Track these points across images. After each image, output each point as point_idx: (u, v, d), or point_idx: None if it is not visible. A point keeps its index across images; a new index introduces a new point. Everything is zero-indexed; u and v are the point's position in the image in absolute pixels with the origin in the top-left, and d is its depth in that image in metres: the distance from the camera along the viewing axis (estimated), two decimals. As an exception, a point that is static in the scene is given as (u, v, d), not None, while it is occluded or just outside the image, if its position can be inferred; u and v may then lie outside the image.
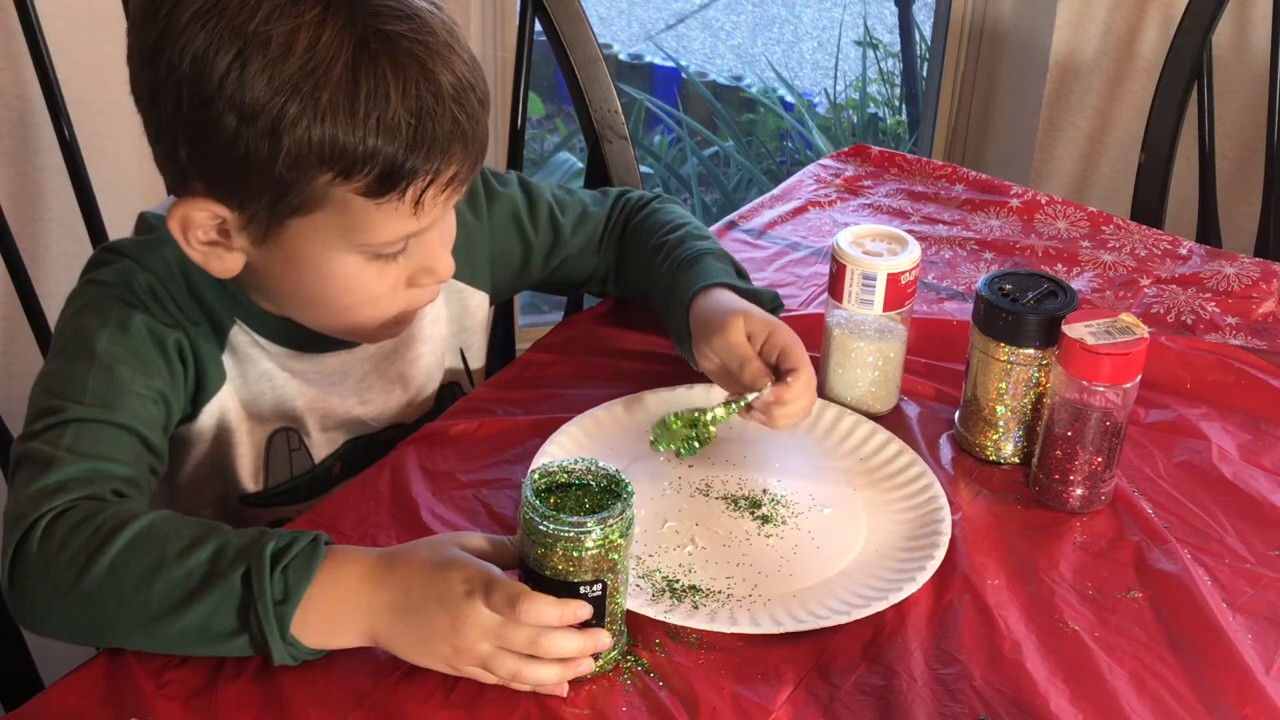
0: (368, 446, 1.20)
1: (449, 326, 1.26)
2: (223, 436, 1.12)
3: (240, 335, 1.11)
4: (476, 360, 1.30)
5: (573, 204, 1.32)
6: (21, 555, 0.94)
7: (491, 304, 1.31)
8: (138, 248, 1.09)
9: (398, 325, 1.12)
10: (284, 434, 1.15)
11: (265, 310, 1.11)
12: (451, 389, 1.27)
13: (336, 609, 0.92)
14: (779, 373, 1.11)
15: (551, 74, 3.29)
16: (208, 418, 1.11)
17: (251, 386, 1.13)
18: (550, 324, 1.47)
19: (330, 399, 1.16)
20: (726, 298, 1.18)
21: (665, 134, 3.40)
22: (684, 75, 3.78)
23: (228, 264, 1.04)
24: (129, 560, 0.92)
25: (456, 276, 1.22)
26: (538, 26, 1.55)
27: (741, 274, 1.26)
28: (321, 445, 1.18)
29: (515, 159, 1.59)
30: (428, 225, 1.03)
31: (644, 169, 3.11)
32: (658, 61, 3.80)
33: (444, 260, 1.08)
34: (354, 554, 0.95)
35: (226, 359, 1.11)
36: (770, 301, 1.24)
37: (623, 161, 1.57)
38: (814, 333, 1.31)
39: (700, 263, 1.23)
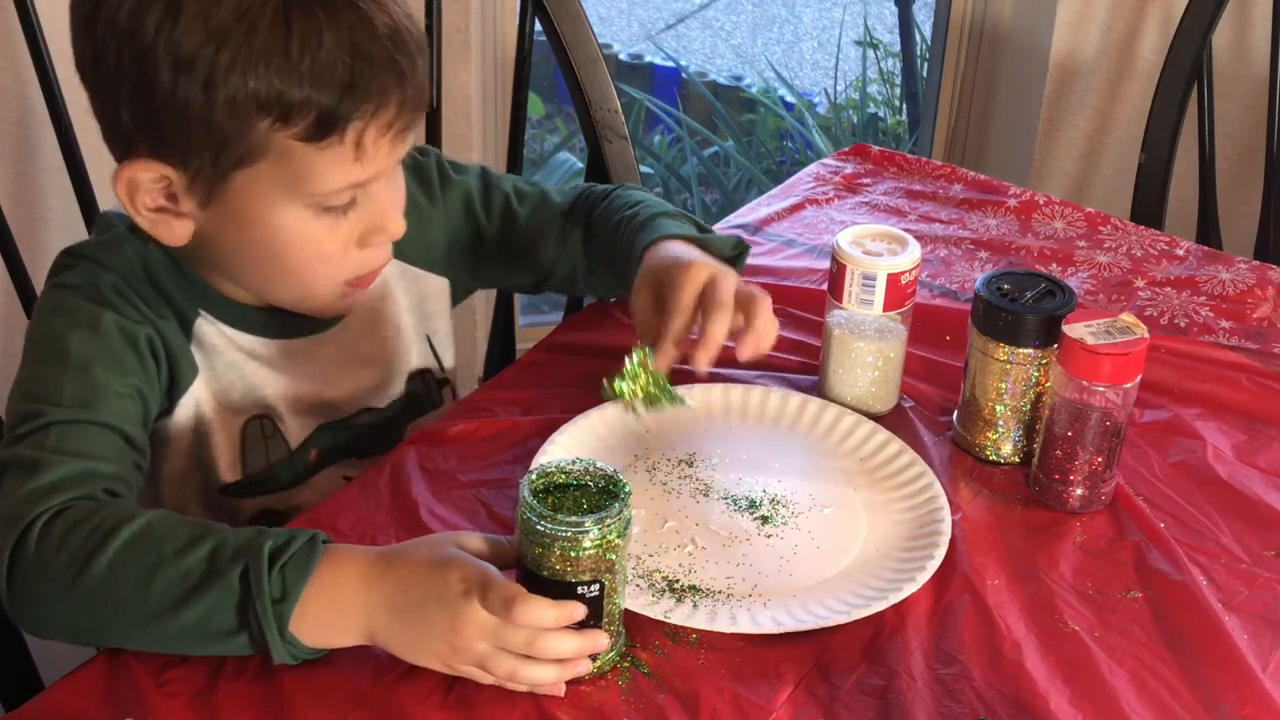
0: (343, 432, 1.20)
1: (411, 314, 1.25)
2: (200, 429, 1.12)
3: (206, 326, 1.11)
4: (445, 346, 1.29)
5: (532, 194, 1.31)
6: (19, 556, 0.94)
7: (460, 294, 1.30)
8: (98, 248, 1.09)
9: (351, 295, 1.11)
10: (258, 422, 1.15)
11: (230, 298, 1.11)
12: (424, 375, 1.27)
13: (334, 607, 0.92)
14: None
15: (551, 74, 3.29)
16: (184, 410, 1.10)
17: (221, 378, 1.12)
18: (551, 324, 1.48)
19: (299, 384, 1.16)
20: (673, 249, 1.17)
21: (665, 134, 3.40)
22: (684, 75, 3.78)
23: (177, 231, 1.04)
24: (127, 559, 0.92)
25: (412, 261, 1.23)
26: (538, 26, 1.56)
27: (703, 230, 1.25)
28: (295, 431, 1.17)
29: (515, 159, 1.59)
30: (373, 174, 1.03)
31: (644, 169, 3.11)
32: (658, 61, 3.80)
33: (395, 219, 1.08)
34: (352, 552, 0.95)
35: (195, 351, 1.11)
36: (733, 249, 1.24)
37: (623, 161, 1.57)
38: (810, 333, 1.31)
39: (654, 223, 1.21)
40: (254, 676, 0.94)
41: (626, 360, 1.10)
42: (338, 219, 1.05)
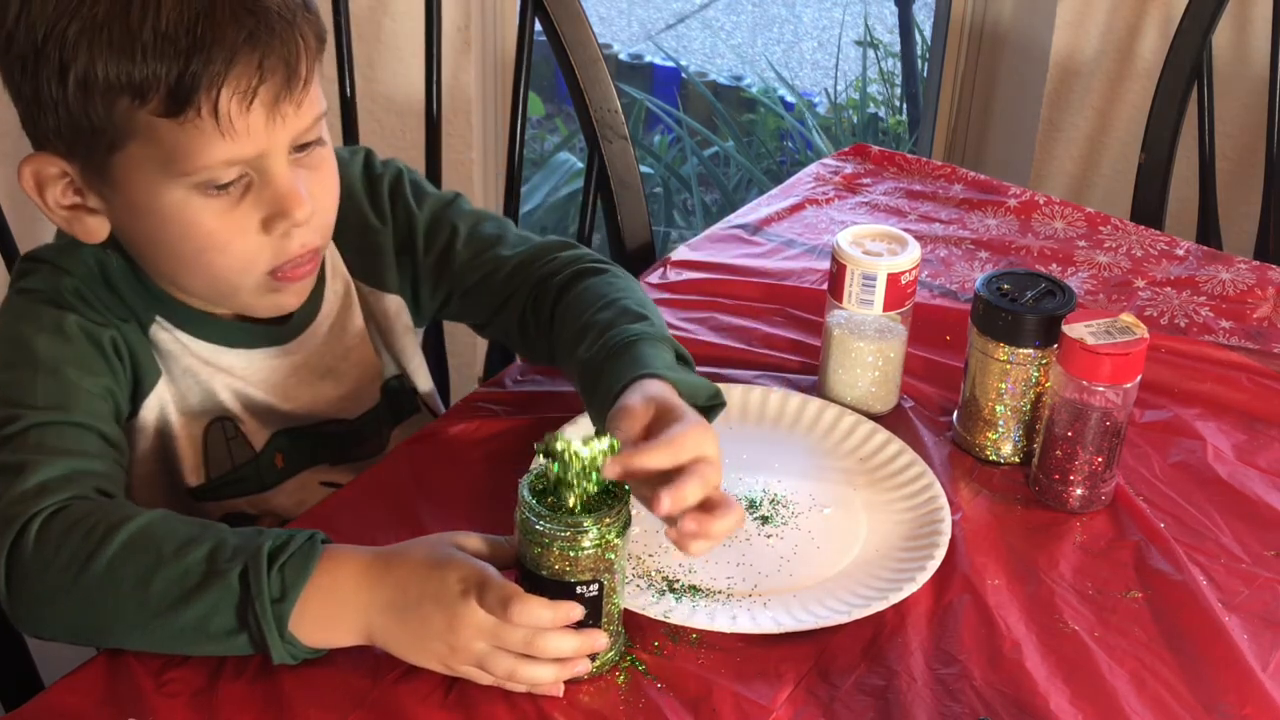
0: (304, 438, 1.17)
1: (374, 326, 1.22)
2: (164, 431, 1.11)
3: (160, 332, 1.09)
4: (413, 365, 1.26)
5: (485, 239, 1.21)
6: (18, 557, 0.93)
7: (426, 316, 1.24)
8: (58, 252, 1.08)
9: (285, 288, 1.07)
10: (219, 424, 1.13)
11: (185, 304, 1.09)
12: (401, 380, 1.24)
13: (333, 607, 0.92)
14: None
15: (551, 74, 3.29)
16: (148, 412, 1.09)
17: (179, 382, 1.11)
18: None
19: (255, 394, 1.14)
20: (654, 389, 1.01)
21: (665, 134, 3.40)
22: (684, 75, 3.78)
23: (91, 227, 1.04)
24: (127, 559, 0.92)
25: (361, 279, 1.20)
26: (538, 26, 1.56)
27: (683, 359, 1.10)
28: (256, 434, 1.15)
29: (515, 159, 1.59)
30: (253, 151, 0.99)
31: (644, 169, 3.11)
32: (658, 61, 3.80)
33: (301, 205, 1.01)
34: (351, 552, 0.95)
35: (155, 354, 1.10)
36: (709, 398, 1.06)
37: (623, 161, 1.57)
38: (810, 333, 1.31)
39: (633, 350, 1.06)
40: (254, 676, 0.94)
41: (586, 442, 0.92)
42: (232, 203, 1.01)
